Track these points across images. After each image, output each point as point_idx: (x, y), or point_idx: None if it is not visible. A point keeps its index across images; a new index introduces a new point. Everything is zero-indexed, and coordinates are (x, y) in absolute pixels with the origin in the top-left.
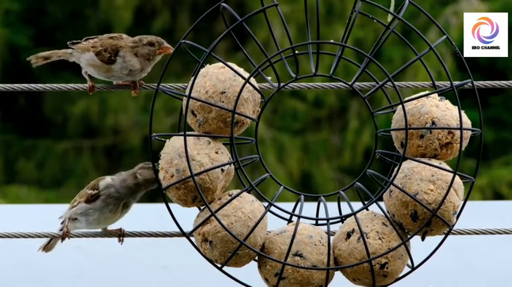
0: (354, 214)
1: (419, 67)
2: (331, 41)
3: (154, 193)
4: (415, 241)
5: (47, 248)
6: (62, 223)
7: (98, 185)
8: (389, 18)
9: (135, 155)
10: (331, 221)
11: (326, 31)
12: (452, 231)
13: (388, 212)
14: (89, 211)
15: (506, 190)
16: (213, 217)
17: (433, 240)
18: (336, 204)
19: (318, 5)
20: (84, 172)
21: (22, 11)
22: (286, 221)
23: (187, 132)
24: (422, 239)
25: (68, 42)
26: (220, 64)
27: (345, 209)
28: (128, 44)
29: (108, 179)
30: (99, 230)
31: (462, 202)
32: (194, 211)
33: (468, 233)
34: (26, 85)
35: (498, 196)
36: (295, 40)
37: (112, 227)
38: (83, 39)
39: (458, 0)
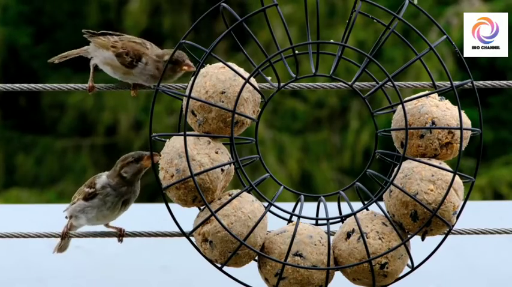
0: (354, 214)
1: (422, 68)
2: (331, 41)
3: (154, 193)
4: (415, 241)
5: (61, 248)
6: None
7: (94, 184)
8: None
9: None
10: (331, 221)
11: (328, 32)
12: (452, 231)
13: (388, 212)
14: (87, 208)
15: (506, 189)
16: (213, 217)
17: (433, 240)
18: (336, 204)
19: (318, 5)
20: (82, 169)
21: (21, 9)
22: (286, 221)
23: (187, 133)
24: (422, 239)
25: (83, 30)
26: (220, 64)
27: (345, 209)
28: (154, 53)
29: (103, 178)
30: (99, 229)
31: (462, 202)
32: (194, 211)
33: (468, 233)
34: (26, 85)
35: (498, 196)
36: (297, 40)
37: (114, 225)
38: (99, 32)
39: (460, 0)
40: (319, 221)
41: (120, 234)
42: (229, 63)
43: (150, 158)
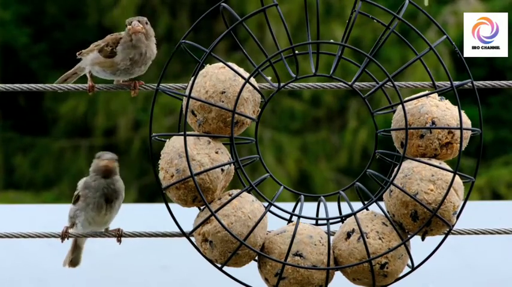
0: (354, 214)
1: (417, 66)
2: (332, 41)
3: (154, 193)
4: (415, 241)
5: (72, 261)
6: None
7: (77, 186)
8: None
9: (133, 154)
10: (331, 221)
11: (324, 30)
12: (452, 231)
13: (388, 212)
14: (76, 212)
15: (505, 190)
16: (213, 217)
17: (433, 240)
18: (336, 204)
19: (318, 5)
20: (79, 171)
21: (21, 9)
22: (286, 221)
23: (187, 132)
24: (422, 239)
25: (77, 53)
26: (220, 64)
27: (345, 209)
28: (125, 34)
29: (83, 179)
30: (100, 230)
31: (462, 202)
32: (194, 211)
33: (468, 233)
34: (26, 85)
35: (496, 196)
36: (292, 40)
37: (112, 226)
38: (92, 45)
39: (457, 0)
40: (319, 221)
41: (119, 234)
42: (229, 63)
43: (111, 162)
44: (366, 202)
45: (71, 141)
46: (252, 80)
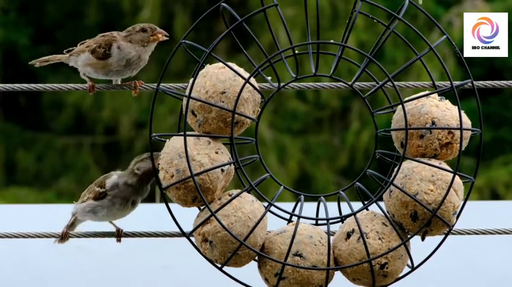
0: (354, 214)
1: (423, 68)
2: (331, 41)
3: (154, 193)
4: (415, 241)
5: (62, 239)
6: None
7: (104, 184)
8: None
9: (135, 154)
10: (331, 221)
11: (331, 34)
12: (452, 231)
13: (388, 212)
14: (96, 208)
15: (504, 190)
16: (213, 217)
17: (433, 240)
18: (336, 204)
19: (318, 4)
20: (83, 167)
21: (21, 9)
22: (286, 221)
23: (187, 133)
24: (422, 239)
25: (64, 51)
26: (221, 64)
27: (345, 209)
28: (122, 35)
29: (114, 178)
30: (99, 229)
31: (462, 202)
32: (194, 211)
33: (468, 233)
34: (26, 85)
35: (495, 196)
36: (299, 42)
37: (116, 224)
38: (78, 44)
39: (462, 1)
40: (319, 221)
41: (118, 234)
42: (229, 63)
43: (153, 158)
44: (365, 202)
45: (73, 138)
46: (252, 80)
